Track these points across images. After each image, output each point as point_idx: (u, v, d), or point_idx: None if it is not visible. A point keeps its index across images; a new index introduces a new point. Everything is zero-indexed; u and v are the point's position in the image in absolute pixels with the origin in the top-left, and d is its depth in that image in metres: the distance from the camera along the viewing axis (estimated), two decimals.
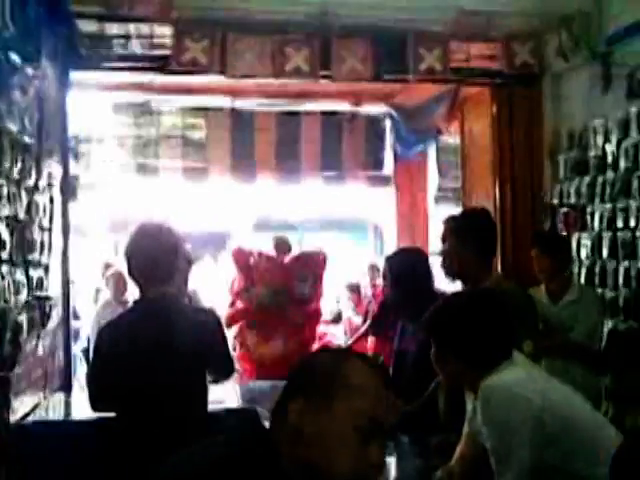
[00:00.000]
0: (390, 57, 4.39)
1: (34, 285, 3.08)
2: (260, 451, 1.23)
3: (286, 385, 1.30)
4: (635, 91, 3.92)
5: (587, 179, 4.32)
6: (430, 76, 4.48)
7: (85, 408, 2.75)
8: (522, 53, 4.56)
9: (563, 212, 4.54)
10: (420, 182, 6.85)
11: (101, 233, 10.88)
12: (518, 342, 2.20)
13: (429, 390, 2.95)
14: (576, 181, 4.42)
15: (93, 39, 4.12)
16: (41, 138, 3.28)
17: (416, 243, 6.11)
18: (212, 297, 6.58)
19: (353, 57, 4.31)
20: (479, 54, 4.57)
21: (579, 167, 4.41)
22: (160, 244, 2.58)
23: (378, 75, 4.43)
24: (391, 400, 1.25)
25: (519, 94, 4.79)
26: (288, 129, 6.52)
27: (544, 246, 3.83)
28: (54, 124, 3.68)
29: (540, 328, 3.07)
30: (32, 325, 3.05)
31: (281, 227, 8.28)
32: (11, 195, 2.75)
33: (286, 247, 5.70)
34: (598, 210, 4.21)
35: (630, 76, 3.95)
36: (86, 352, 5.62)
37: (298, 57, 4.20)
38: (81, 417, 3.11)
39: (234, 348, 5.38)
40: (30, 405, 3.06)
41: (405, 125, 6.28)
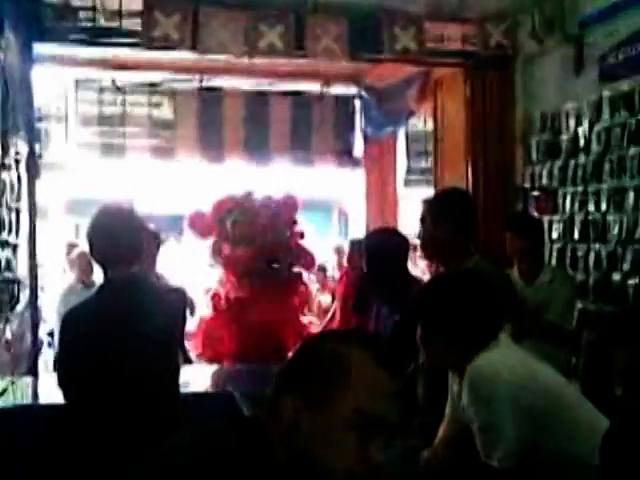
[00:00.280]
0: (365, 36, 4.35)
1: (2, 266, 2.98)
2: (254, 443, 1.17)
3: (282, 376, 1.22)
4: (607, 74, 3.94)
5: (559, 162, 4.35)
6: (405, 56, 4.46)
7: (53, 392, 2.67)
8: (496, 34, 4.55)
9: (535, 195, 4.56)
10: (390, 164, 6.84)
11: (61, 215, 10.66)
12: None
13: (407, 373, 2.93)
14: (548, 164, 4.45)
15: (58, 10, 3.98)
16: (6, 113, 3.15)
17: (386, 225, 6.09)
18: (177, 279, 6.49)
19: (327, 35, 4.25)
20: (453, 35, 4.55)
21: (551, 150, 4.43)
22: (122, 224, 2.52)
23: (353, 54, 4.38)
24: (395, 395, 1.19)
25: (492, 76, 4.79)
26: (257, 109, 6.43)
27: (518, 228, 3.83)
28: (19, 99, 3.55)
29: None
30: (0, 308, 2.95)
31: None
32: None
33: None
34: (570, 193, 4.24)
35: (603, 59, 3.96)
36: (52, 335, 5.50)
37: (272, 34, 4.13)
38: (49, 401, 3.03)
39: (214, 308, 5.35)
40: None
41: (376, 106, 6.24)
